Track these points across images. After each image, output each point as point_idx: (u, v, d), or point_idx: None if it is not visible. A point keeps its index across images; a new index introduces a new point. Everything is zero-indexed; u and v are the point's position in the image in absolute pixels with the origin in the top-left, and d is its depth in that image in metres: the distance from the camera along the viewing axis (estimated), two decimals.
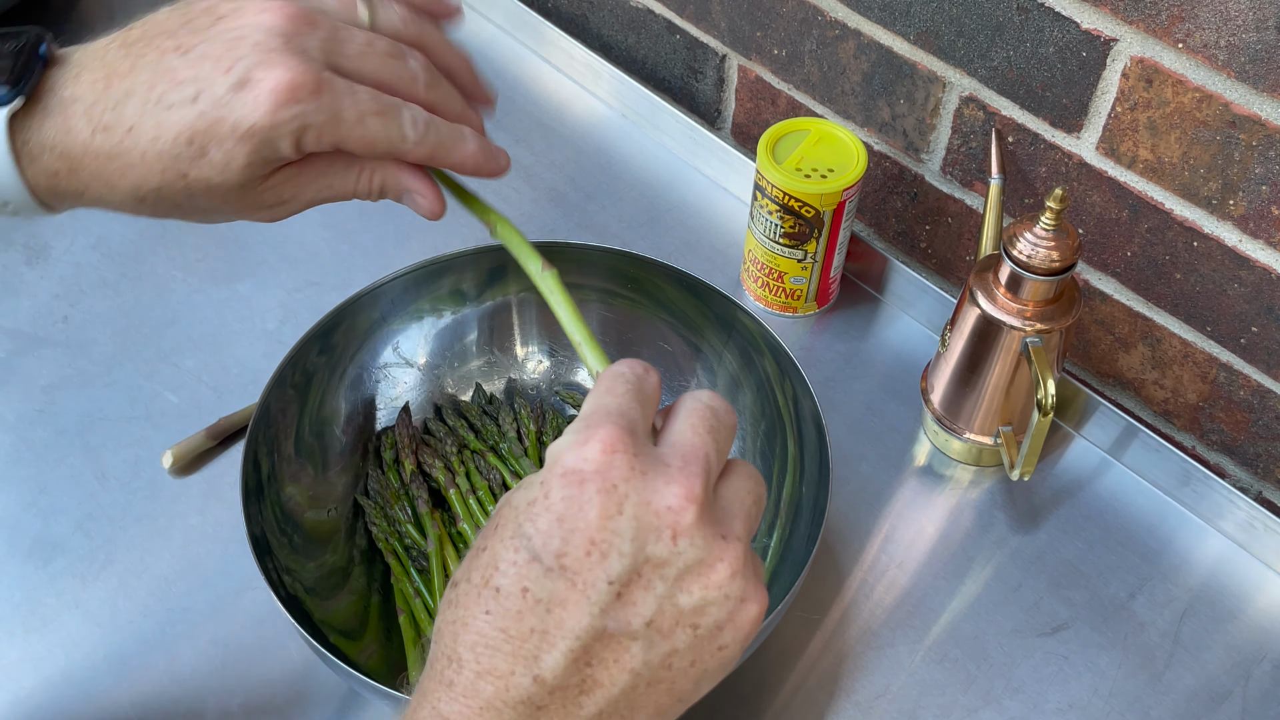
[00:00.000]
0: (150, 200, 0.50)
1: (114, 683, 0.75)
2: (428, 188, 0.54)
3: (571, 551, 0.40)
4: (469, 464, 0.81)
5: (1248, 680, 0.78)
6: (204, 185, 0.49)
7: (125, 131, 0.48)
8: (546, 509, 0.41)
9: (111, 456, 0.85)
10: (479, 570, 0.41)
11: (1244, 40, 0.70)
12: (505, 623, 0.40)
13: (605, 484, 0.41)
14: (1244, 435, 0.85)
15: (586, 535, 0.40)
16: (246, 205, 0.51)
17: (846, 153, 0.88)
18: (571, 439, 0.42)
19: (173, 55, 0.48)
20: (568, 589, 0.40)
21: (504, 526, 0.42)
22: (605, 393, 0.44)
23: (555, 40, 1.10)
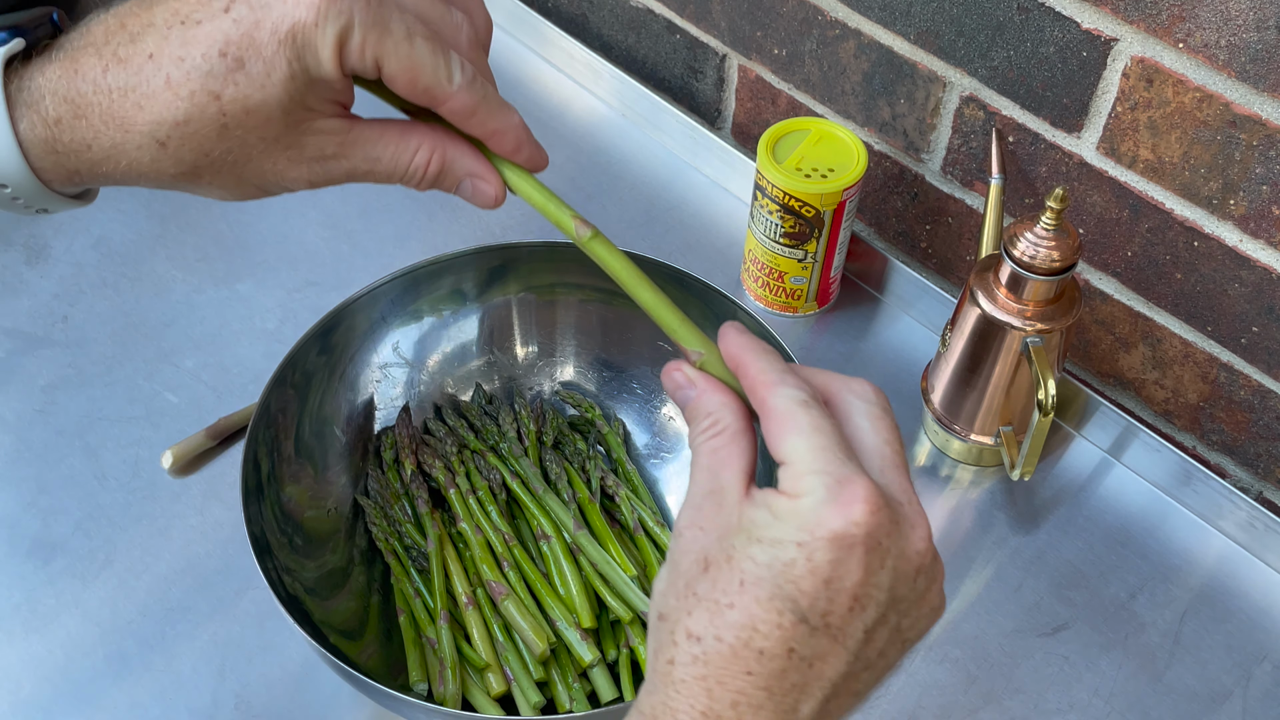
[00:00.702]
0: (174, 143, 0.44)
1: (114, 683, 0.75)
2: (490, 171, 0.49)
3: (836, 610, 0.41)
4: (469, 464, 0.81)
5: (1248, 680, 0.78)
6: (240, 108, 0.43)
7: (145, 59, 0.43)
8: (812, 573, 0.41)
9: (111, 456, 0.85)
10: (731, 630, 0.41)
11: (1244, 40, 0.70)
12: (769, 682, 0.41)
13: (871, 544, 0.41)
14: (1244, 435, 0.85)
15: (851, 593, 0.41)
16: (286, 149, 0.45)
17: (847, 152, 0.88)
18: (825, 497, 0.41)
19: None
20: (830, 644, 0.41)
21: (757, 585, 0.41)
22: (813, 431, 0.43)
23: (555, 40, 1.10)
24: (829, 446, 0.43)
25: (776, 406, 0.44)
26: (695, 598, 0.42)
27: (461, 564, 0.76)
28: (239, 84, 0.43)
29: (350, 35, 0.43)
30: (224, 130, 0.44)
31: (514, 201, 1.08)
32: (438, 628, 0.73)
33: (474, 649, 0.72)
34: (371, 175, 0.48)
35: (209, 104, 0.43)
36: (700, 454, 0.45)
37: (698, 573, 0.42)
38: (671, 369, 0.47)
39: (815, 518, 0.41)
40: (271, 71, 0.43)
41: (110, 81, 0.43)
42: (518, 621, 0.73)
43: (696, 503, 0.44)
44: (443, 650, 0.72)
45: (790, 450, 0.43)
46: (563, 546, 0.76)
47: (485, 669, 0.72)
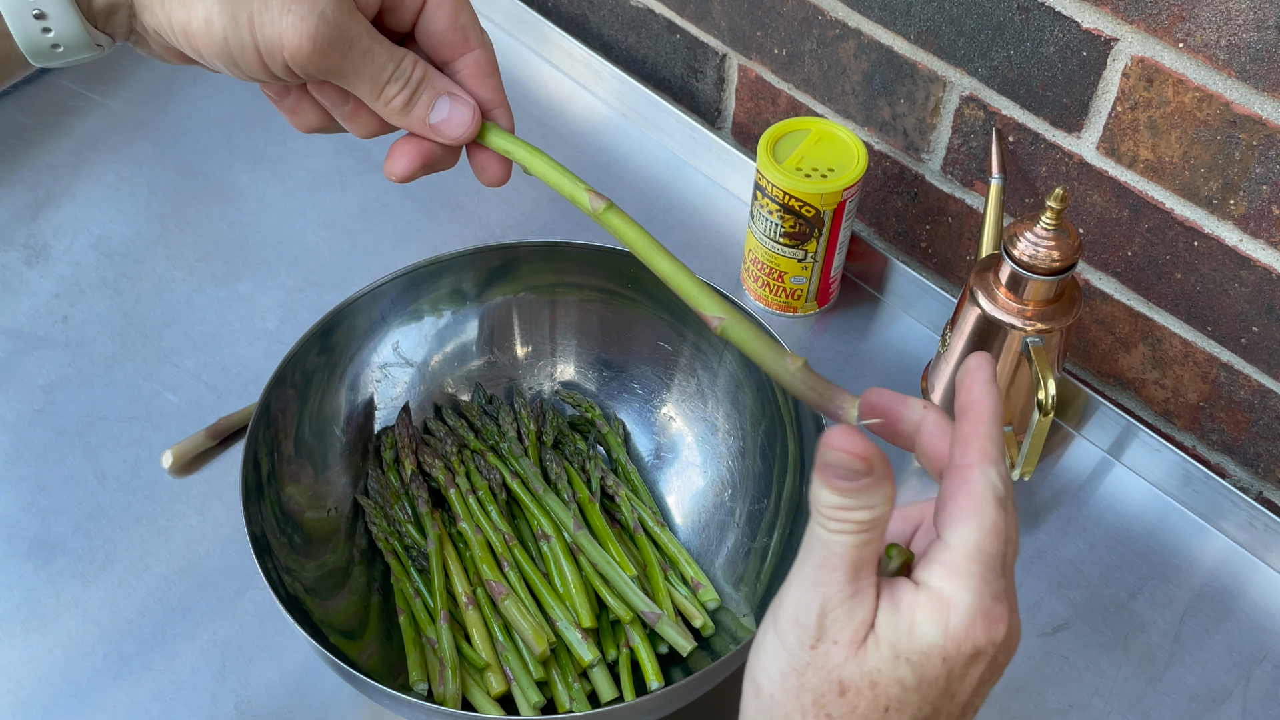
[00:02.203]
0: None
1: (114, 683, 0.75)
2: (466, 94, 0.50)
3: (950, 710, 0.42)
4: (469, 464, 0.81)
5: (1248, 680, 0.78)
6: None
7: None
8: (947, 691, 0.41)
9: (111, 456, 0.85)
10: None
11: (1244, 40, 0.70)
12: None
13: (1000, 656, 0.42)
14: (1244, 435, 0.85)
15: (959, 698, 0.42)
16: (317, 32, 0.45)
17: (847, 152, 0.88)
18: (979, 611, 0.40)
19: None
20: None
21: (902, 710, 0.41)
22: (993, 535, 0.41)
23: (555, 40, 1.10)
24: (996, 556, 0.41)
25: (977, 485, 0.42)
26: (828, 717, 0.41)
27: (461, 564, 0.76)
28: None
29: None
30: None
31: (514, 201, 1.08)
32: (438, 628, 0.73)
33: (474, 649, 0.72)
34: (368, 59, 0.48)
35: None
36: (844, 549, 0.40)
37: (833, 695, 0.40)
38: (841, 441, 0.40)
39: (965, 633, 0.40)
40: None
41: None
42: (518, 621, 0.73)
43: (830, 605, 0.41)
44: (443, 650, 0.72)
45: (960, 538, 0.41)
46: (563, 546, 0.76)
47: (485, 669, 0.72)
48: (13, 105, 1.06)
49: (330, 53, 0.46)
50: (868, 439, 0.41)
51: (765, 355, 0.46)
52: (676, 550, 0.78)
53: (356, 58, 0.47)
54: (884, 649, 0.40)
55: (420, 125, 0.50)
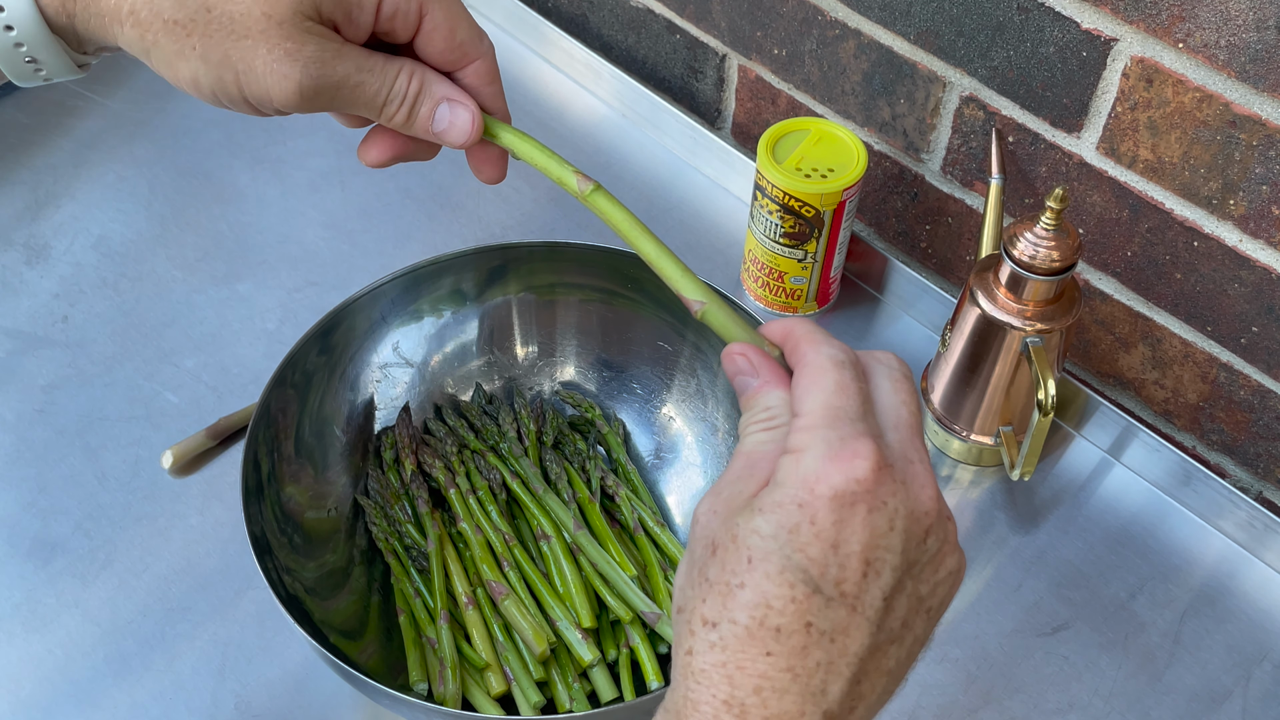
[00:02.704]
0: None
1: (114, 683, 0.75)
2: (466, 97, 0.51)
3: (849, 576, 0.39)
4: (469, 464, 0.81)
5: (1248, 680, 0.78)
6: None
7: None
8: (818, 536, 0.39)
9: (111, 456, 0.85)
10: (744, 610, 0.40)
11: (1244, 40, 0.70)
12: (791, 661, 0.39)
13: (876, 502, 0.40)
14: (1244, 435, 0.85)
15: (861, 556, 0.39)
16: (286, 39, 0.45)
17: (847, 152, 0.88)
18: (826, 453, 0.40)
19: None
20: (848, 614, 0.40)
21: (765, 560, 0.39)
22: (837, 391, 0.42)
23: (555, 40, 1.10)
24: (846, 408, 0.41)
25: (812, 361, 0.43)
26: (708, 583, 0.40)
27: (461, 564, 0.76)
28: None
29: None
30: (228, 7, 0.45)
31: (514, 201, 1.08)
32: (438, 628, 0.73)
33: (474, 649, 0.72)
34: (359, 91, 0.48)
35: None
36: (746, 442, 0.43)
37: (707, 557, 0.41)
38: (736, 352, 0.45)
39: (815, 474, 0.39)
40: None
41: None
42: (518, 621, 0.73)
43: (720, 488, 0.42)
44: (443, 650, 0.72)
45: (809, 404, 0.42)
46: (563, 546, 0.76)
47: (485, 669, 0.72)
48: (13, 105, 1.06)
49: (318, 97, 0.47)
50: (754, 349, 0.45)
51: (744, 340, 0.46)
52: (676, 550, 0.78)
53: (348, 93, 0.48)
54: (747, 507, 0.41)
55: (425, 134, 0.51)
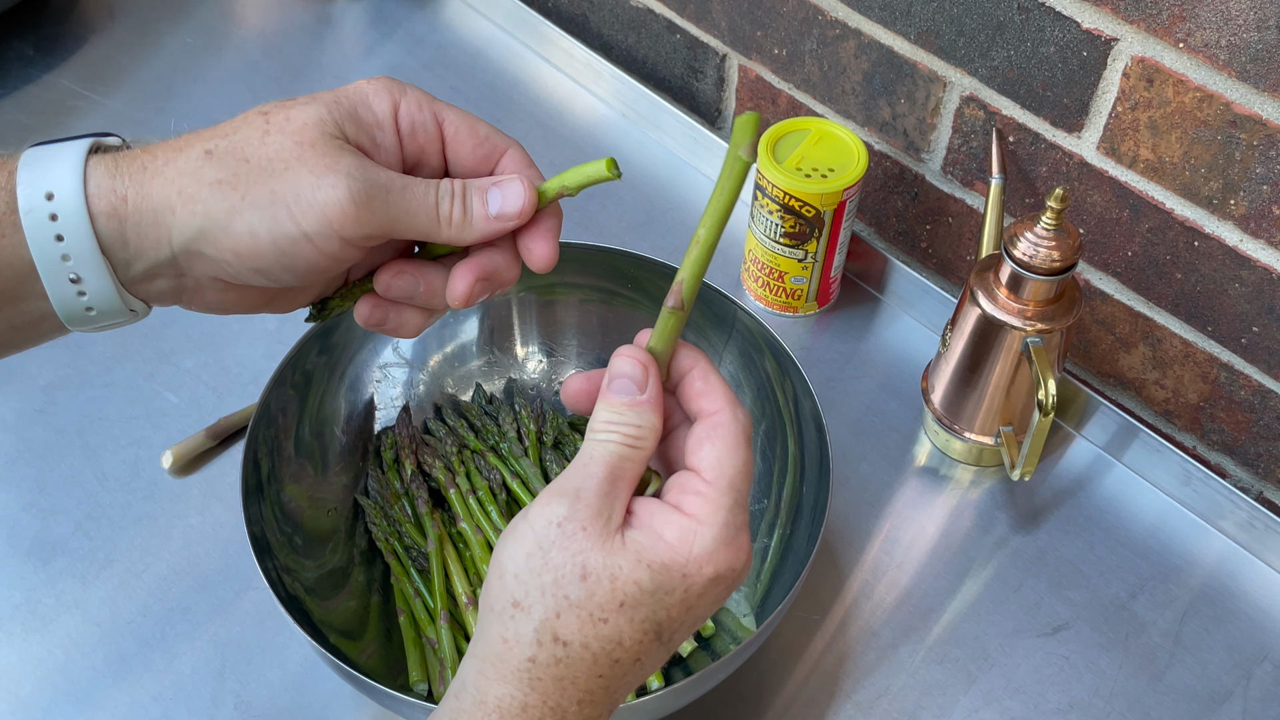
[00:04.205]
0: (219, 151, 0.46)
1: (114, 683, 0.75)
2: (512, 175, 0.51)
3: (684, 629, 0.46)
4: (469, 464, 0.81)
5: (1249, 680, 0.78)
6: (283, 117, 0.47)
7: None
8: (683, 601, 0.45)
9: (111, 456, 0.85)
10: (598, 642, 0.44)
11: (1245, 40, 0.70)
12: (612, 683, 0.45)
13: (735, 580, 0.46)
14: (1245, 435, 0.85)
15: (698, 613, 0.46)
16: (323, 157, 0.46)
17: (847, 152, 0.88)
18: (722, 537, 0.45)
19: None
20: (664, 651, 0.46)
21: (635, 609, 0.44)
22: (743, 472, 0.46)
23: (555, 40, 1.10)
24: (743, 492, 0.46)
25: (727, 425, 0.47)
26: (566, 601, 0.44)
27: (461, 564, 0.76)
28: (286, 111, 0.47)
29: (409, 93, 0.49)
30: (264, 136, 0.46)
31: None
32: (438, 628, 0.73)
33: None
34: (409, 195, 0.48)
35: (256, 121, 0.47)
36: (605, 450, 0.46)
37: (574, 578, 0.44)
38: (635, 358, 0.47)
39: (707, 555, 0.44)
40: (317, 103, 0.47)
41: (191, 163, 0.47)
42: None
43: (582, 493, 0.45)
44: (443, 650, 0.72)
45: (717, 473, 0.46)
46: None
47: None
48: (13, 105, 1.06)
49: (372, 204, 0.47)
50: (653, 364, 0.48)
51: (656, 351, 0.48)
52: None
53: (397, 198, 0.48)
54: (630, 551, 0.44)
55: (485, 223, 0.50)
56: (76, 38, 1.12)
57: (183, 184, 0.46)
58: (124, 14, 1.14)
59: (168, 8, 1.15)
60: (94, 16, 1.14)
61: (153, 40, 1.12)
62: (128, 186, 0.46)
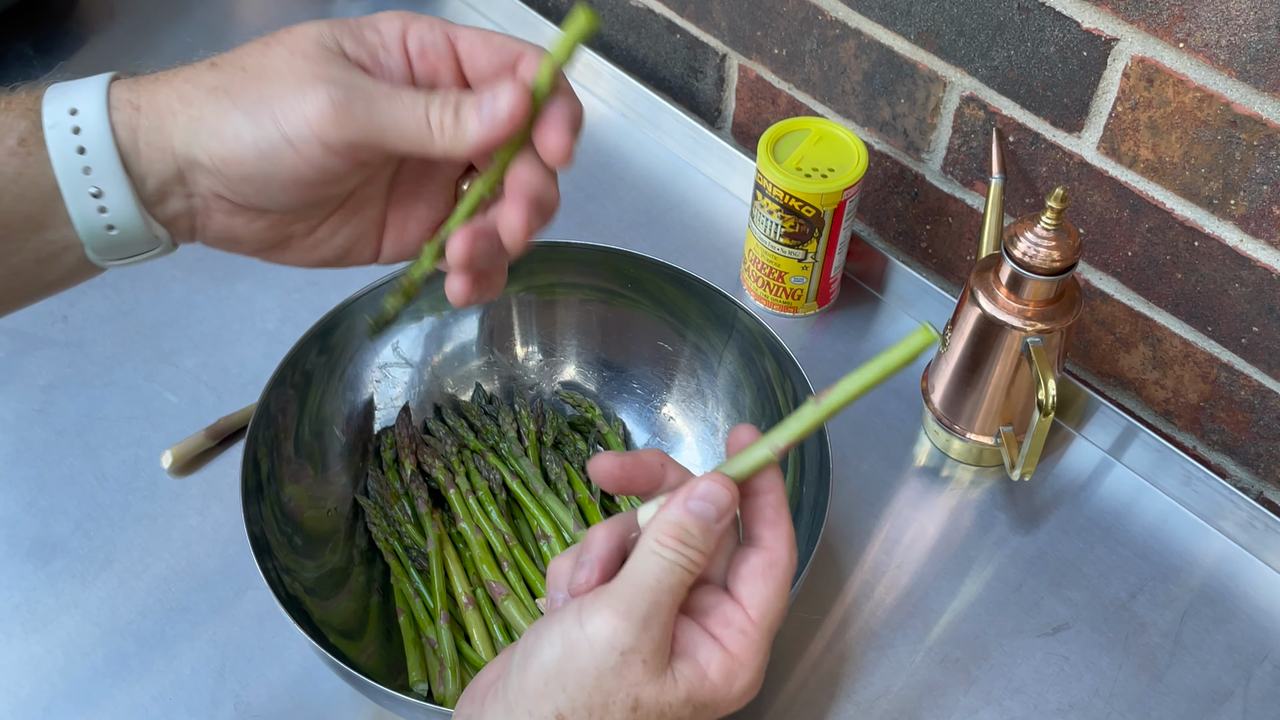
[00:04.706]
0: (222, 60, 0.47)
1: (114, 683, 0.75)
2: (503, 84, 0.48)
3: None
4: (469, 464, 0.81)
5: (1249, 680, 0.78)
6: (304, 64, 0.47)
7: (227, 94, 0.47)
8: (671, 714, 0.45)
9: (111, 456, 0.85)
10: None
11: (1245, 40, 0.70)
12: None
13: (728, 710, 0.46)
14: (1245, 435, 0.85)
15: None
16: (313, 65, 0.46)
17: (847, 152, 0.88)
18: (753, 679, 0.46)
19: None
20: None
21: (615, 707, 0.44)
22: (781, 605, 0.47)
23: None
24: (776, 630, 0.47)
25: (780, 557, 0.47)
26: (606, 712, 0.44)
27: (461, 564, 0.76)
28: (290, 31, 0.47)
29: (416, 19, 0.48)
30: (264, 49, 0.47)
31: None
32: (438, 628, 0.73)
33: (474, 649, 0.72)
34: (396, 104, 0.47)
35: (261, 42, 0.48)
36: (674, 580, 0.45)
37: (625, 708, 0.44)
38: (720, 482, 0.46)
39: (740, 693, 0.46)
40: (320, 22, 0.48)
41: (195, 90, 0.47)
42: (518, 621, 0.73)
43: (650, 626, 0.44)
44: (443, 650, 0.72)
45: (759, 603, 0.46)
46: (563, 547, 0.76)
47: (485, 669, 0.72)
48: None
49: (353, 108, 0.46)
50: (738, 496, 0.47)
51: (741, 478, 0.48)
52: None
53: (384, 105, 0.46)
54: (680, 689, 0.44)
55: (479, 128, 0.47)
56: (76, 38, 1.12)
57: (184, 89, 0.47)
58: (124, 14, 1.14)
59: (168, 8, 1.15)
60: (94, 16, 1.14)
61: (152, 40, 1.12)
62: (140, 95, 0.46)
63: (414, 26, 0.48)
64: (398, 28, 0.48)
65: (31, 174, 0.45)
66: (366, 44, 0.48)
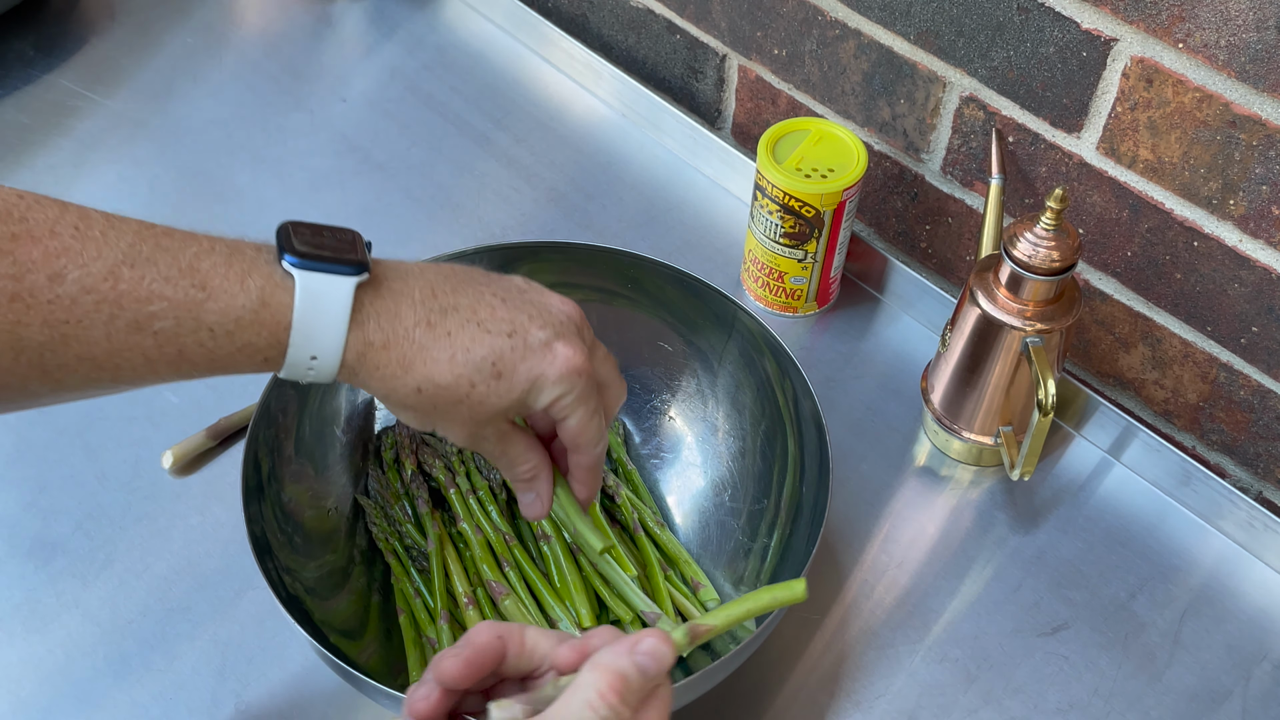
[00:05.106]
0: (425, 395, 0.56)
1: (114, 683, 0.75)
2: (548, 495, 0.65)
3: None
4: (469, 464, 0.81)
5: (1248, 680, 0.78)
6: (480, 399, 0.57)
7: (445, 335, 0.56)
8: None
9: (111, 456, 0.85)
10: None
11: (1244, 40, 0.70)
12: None
13: None
14: (1244, 435, 0.85)
15: None
16: (475, 429, 0.59)
17: (847, 152, 0.88)
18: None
19: (491, 297, 0.58)
20: None
21: None
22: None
23: (555, 40, 1.10)
24: None
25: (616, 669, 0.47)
26: None
27: (461, 564, 0.76)
28: (489, 386, 0.57)
29: (565, 396, 0.59)
30: (458, 403, 0.57)
31: (514, 201, 1.08)
32: (438, 628, 0.73)
33: None
34: (501, 458, 0.62)
35: (464, 386, 0.57)
36: None
37: None
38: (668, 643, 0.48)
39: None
40: (510, 392, 0.57)
41: (417, 336, 0.56)
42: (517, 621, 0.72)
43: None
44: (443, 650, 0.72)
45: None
46: (563, 546, 0.76)
47: None
48: (13, 105, 1.06)
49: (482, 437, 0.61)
50: None
51: None
52: (676, 550, 0.78)
53: (498, 454, 0.62)
54: None
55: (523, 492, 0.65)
56: (76, 38, 1.12)
57: (388, 389, 0.57)
58: (124, 14, 1.14)
59: (168, 8, 1.15)
60: (94, 16, 1.14)
61: (153, 40, 1.12)
62: (374, 336, 0.55)
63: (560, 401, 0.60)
64: None
65: (262, 367, 0.55)
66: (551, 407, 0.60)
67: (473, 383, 0.57)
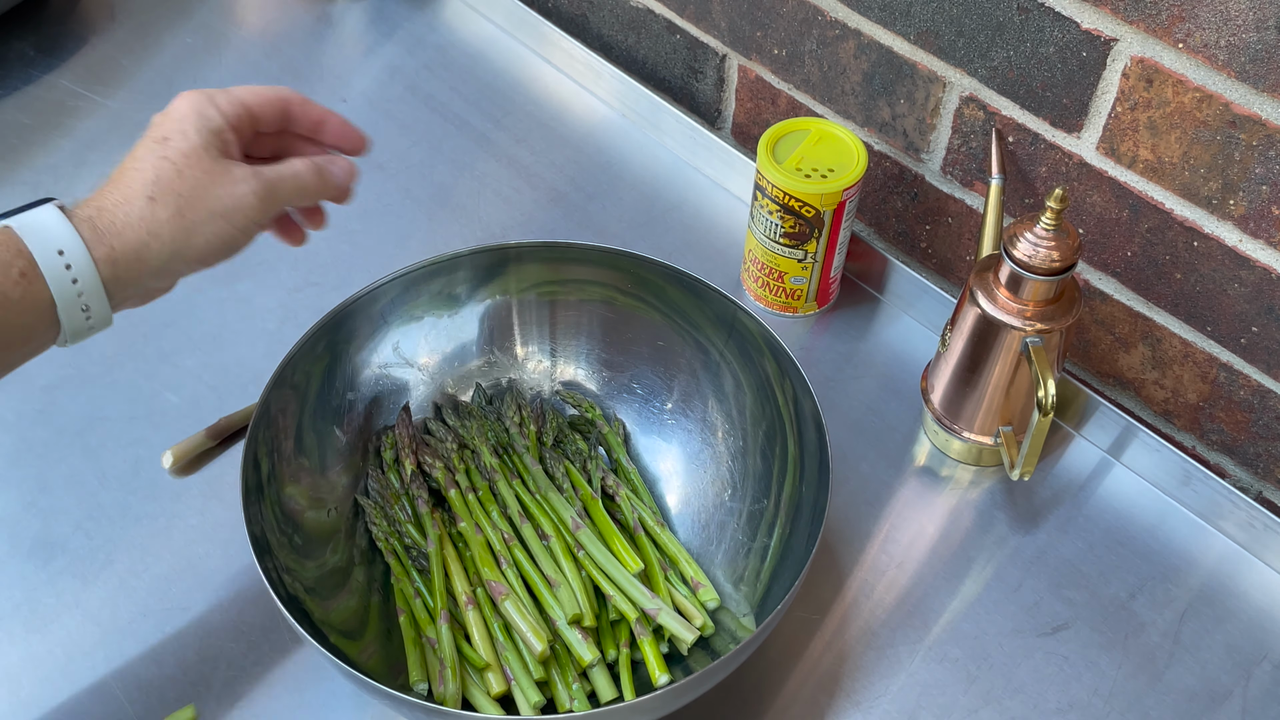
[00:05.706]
0: (159, 195, 0.62)
1: (114, 683, 0.75)
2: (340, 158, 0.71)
3: None
4: (469, 464, 0.81)
5: (1248, 680, 0.78)
6: (179, 154, 0.63)
7: (128, 171, 0.63)
8: None
9: (111, 456, 0.85)
10: None
11: (1244, 40, 0.70)
12: None
13: None
14: (1244, 435, 0.85)
15: None
16: (226, 174, 0.64)
17: (847, 153, 0.88)
18: None
19: None
20: None
21: None
22: None
23: (555, 40, 1.10)
24: None
25: None
26: None
27: (461, 564, 0.76)
28: (173, 146, 0.63)
29: (217, 99, 0.65)
30: (179, 174, 0.62)
31: (514, 201, 1.08)
32: (438, 628, 0.73)
33: (474, 649, 0.72)
34: (292, 176, 0.67)
35: (163, 163, 0.62)
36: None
37: None
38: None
39: None
40: (187, 133, 0.63)
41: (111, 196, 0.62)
42: (517, 621, 0.73)
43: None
44: (443, 650, 0.72)
45: None
46: (563, 546, 0.76)
47: (485, 669, 0.72)
48: (13, 105, 1.06)
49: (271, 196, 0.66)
50: None
51: None
52: (676, 550, 0.78)
53: (286, 185, 0.67)
54: None
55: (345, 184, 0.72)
56: (76, 38, 1.12)
57: (147, 227, 0.62)
58: (124, 14, 1.14)
59: (168, 8, 1.15)
60: (94, 16, 1.14)
61: (153, 40, 1.12)
62: (111, 239, 0.61)
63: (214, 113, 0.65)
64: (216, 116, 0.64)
65: (31, 297, 0.59)
66: (221, 139, 0.64)
67: (163, 155, 0.63)
